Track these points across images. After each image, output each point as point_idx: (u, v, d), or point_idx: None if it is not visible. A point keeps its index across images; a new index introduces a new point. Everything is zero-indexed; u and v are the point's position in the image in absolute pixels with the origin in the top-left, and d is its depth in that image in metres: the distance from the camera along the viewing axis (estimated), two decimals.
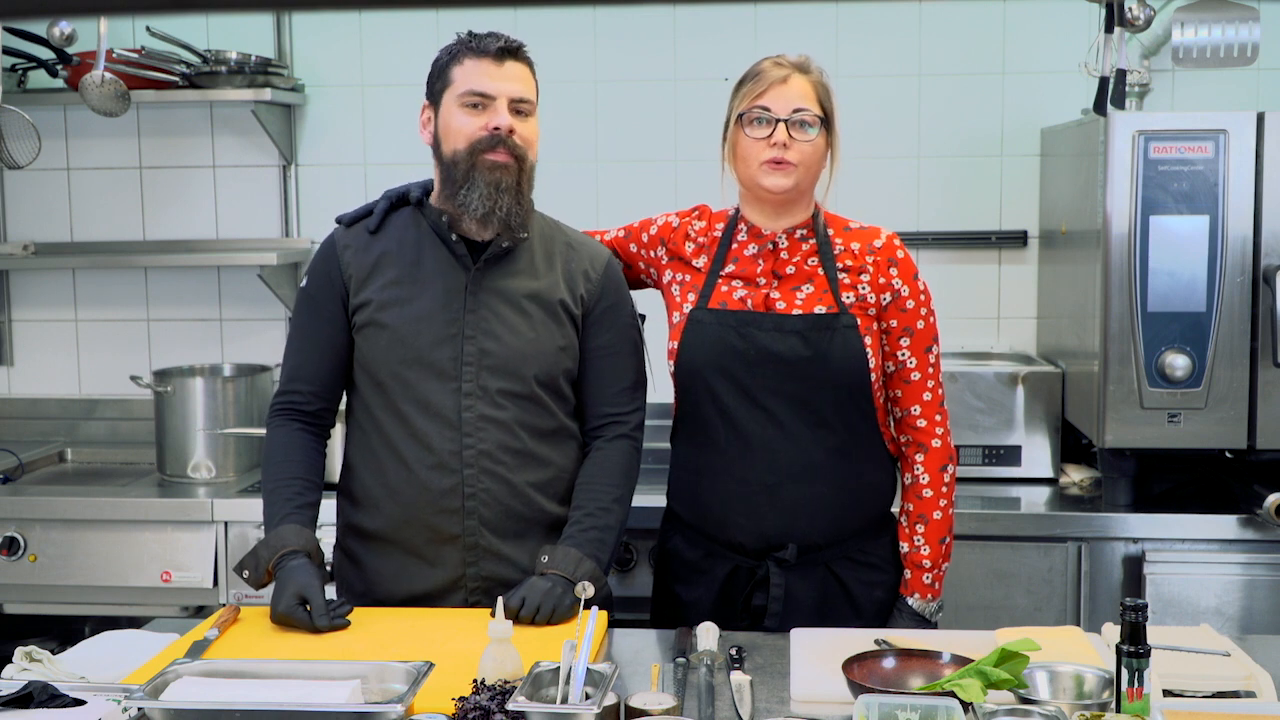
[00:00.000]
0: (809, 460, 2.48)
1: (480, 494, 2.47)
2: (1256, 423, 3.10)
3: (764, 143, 2.46)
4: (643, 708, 1.94)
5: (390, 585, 2.52)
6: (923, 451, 2.53)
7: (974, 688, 1.92)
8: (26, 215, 4.05)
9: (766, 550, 2.51)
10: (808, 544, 2.50)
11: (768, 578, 2.50)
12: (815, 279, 2.50)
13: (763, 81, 2.47)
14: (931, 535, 2.52)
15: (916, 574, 2.53)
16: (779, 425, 2.48)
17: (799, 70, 2.48)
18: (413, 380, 2.48)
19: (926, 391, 2.53)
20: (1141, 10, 3.21)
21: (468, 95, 2.44)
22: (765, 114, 2.46)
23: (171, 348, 4.01)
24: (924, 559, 2.52)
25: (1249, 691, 2.09)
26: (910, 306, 2.50)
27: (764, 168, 2.47)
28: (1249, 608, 3.12)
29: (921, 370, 2.52)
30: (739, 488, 2.51)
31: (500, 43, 2.45)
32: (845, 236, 2.54)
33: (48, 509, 3.42)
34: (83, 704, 1.99)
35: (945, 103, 3.79)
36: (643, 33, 3.84)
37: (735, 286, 2.52)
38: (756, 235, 2.55)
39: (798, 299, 2.49)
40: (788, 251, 2.53)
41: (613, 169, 3.89)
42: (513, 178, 2.44)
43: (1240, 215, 3.07)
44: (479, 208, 2.43)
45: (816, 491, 2.49)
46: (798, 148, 2.46)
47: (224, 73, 3.72)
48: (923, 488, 2.53)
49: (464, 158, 2.43)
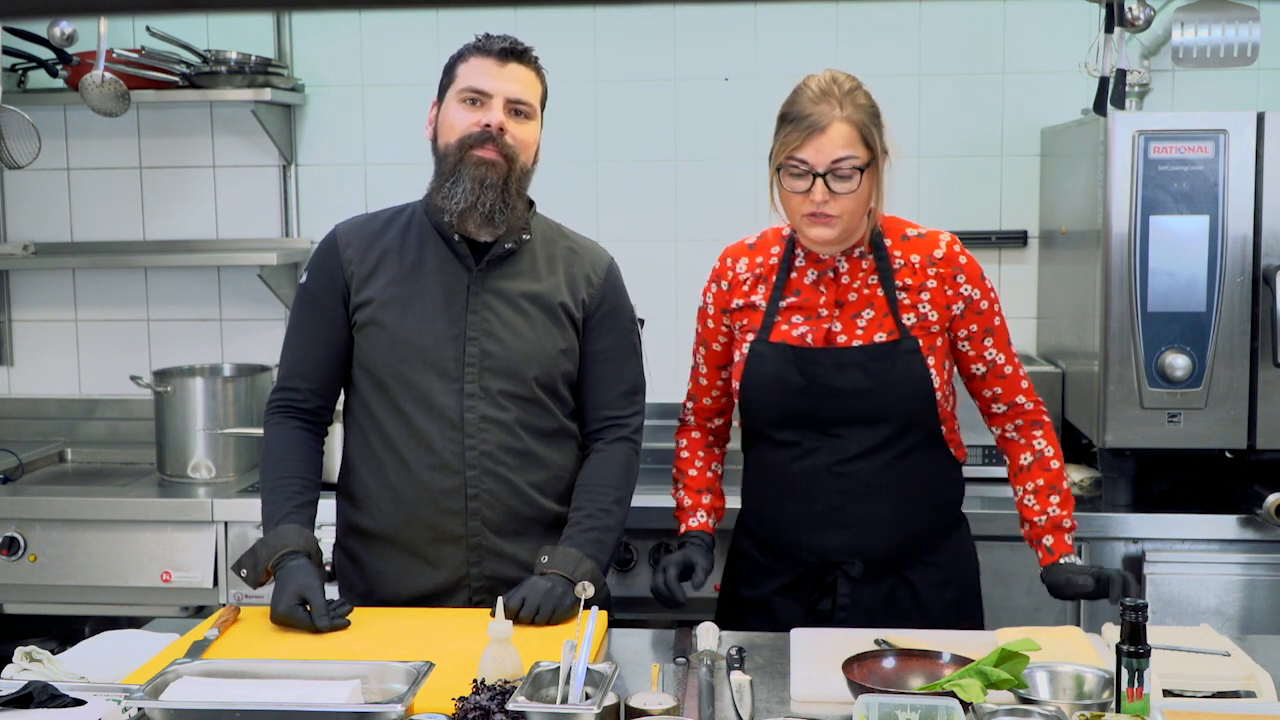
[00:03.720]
0: (875, 481, 2.48)
1: (483, 494, 2.47)
2: (1256, 423, 3.10)
3: (804, 197, 2.39)
4: (643, 708, 1.94)
5: (393, 585, 2.52)
6: (1039, 428, 2.57)
7: (974, 688, 1.92)
8: (26, 215, 4.05)
9: (832, 565, 2.52)
10: (873, 559, 2.51)
11: (834, 584, 2.51)
12: (876, 302, 2.47)
13: (799, 131, 2.37)
14: (1066, 502, 2.55)
15: (1058, 535, 2.52)
16: (843, 451, 2.48)
17: (840, 105, 2.37)
18: (414, 380, 2.48)
19: (1023, 379, 2.57)
20: (1141, 10, 3.21)
21: (466, 91, 2.45)
22: (802, 167, 2.38)
23: (171, 348, 4.01)
24: (1063, 519, 2.53)
25: (1249, 691, 2.09)
26: (985, 308, 2.51)
27: (806, 220, 2.41)
28: (1249, 608, 3.12)
29: (1011, 363, 2.56)
30: (803, 506, 2.52)
31: (505, 44, 2.46)
32: (904, 248, 2.49)
33: (48, 509, 3.42)
34: (83, 704, 1.98)
35: (945, 103, 3.79)
36: (643, 33, 3.84)
37: (796, 323, 2.50)
38: (815, 260, 2.51)
39: (858, 327, 2.47)
40: (849, 274, 2.49)
41: (613, 169, 3.89)
42: (499, 175, 2.44)
43: (1240, 215, 3.06)
44: (461, 201, 2.43)
45: (882, 510, 2.50)
46: (837, 201, 2.37)
47: (224, 73, 3.72)
48: (1049, 460, 2.56)
49: (453, 151, 2.45)
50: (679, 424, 2.73)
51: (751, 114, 3.84)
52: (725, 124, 3.85)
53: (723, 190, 3.86)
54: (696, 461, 2.67)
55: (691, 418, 2.70)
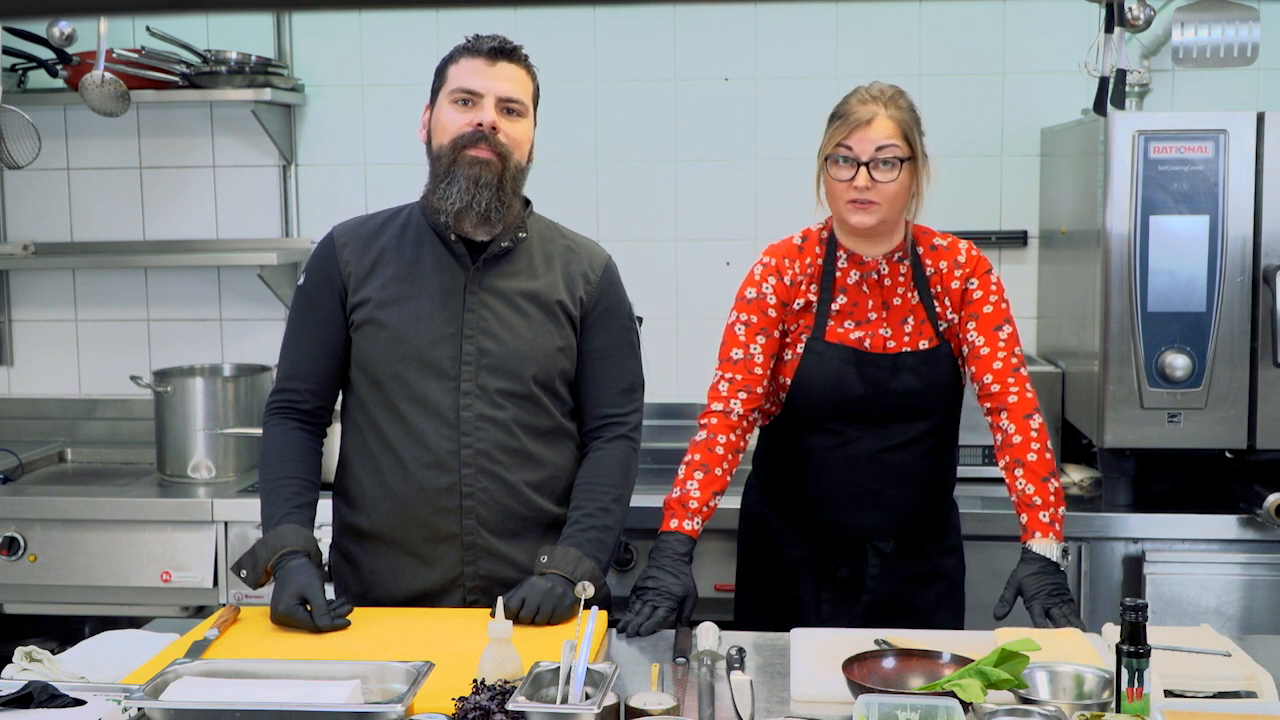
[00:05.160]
0: (912, 469, 2.68)
1: (478, 493, 2.47)
2: (1256, 423, 3.10)
3: (848, 184, 2.56)
4: (643, 708, 1.94)
5: (388, 585, 2.52)
6: (1005, 410, 2.63)
7: (974, 688, 1.92)
8: (26, 215, 4.05)
9: (861, 539, 2.69)
10: (904, 537, 2.70)
11: (857, 555, 2.69)
12: (915, 312, 2.66)
13: (847, 124, 2.56)
14: (1031, 476, 2.57)
15: (1032, 514, 2.56)
16: (886, 441, 2.66)
17: (885, 106, 2.57)
18: (411, 379, 2.48)
19: (997, 361, 2.64)
20: (1141, 10, 3.21)
21: (457, 92, 2.46)
22: (848, 155, 2.56)
23: (171, 348, 4.01)
24: (1032, 497, 2.56)
25: (1250, 692, 2.09)
26: (978, 296, 2.65)
27: (849, 206, 2.58)
28: (1249, 608, 3.12)
29: (991, 345, 2.64)
30: (841, 489, 2.68)
31: (494, 43, 2.46)
32: (934, 256, 2.67)
33: (48, 509, 3.42)
34: (83, 704, 1.98)
35: (945, 103, 3.79)
36: (643, 33, 3.84)
37: (850, 328, 2.65)
38: (858, 262, 2.65)
39: (905, 333, 2.65)
40: (890, 278, 2.65)
41: (613, 169, 3.89)
42: (493, 174, 2.44)
43: (1240, 215, 3.06)
44: (457, 201, 2.44)
45: (916, 494, 2.70)
46: (880, 189, 2.56)
47: (224, 73, 3.72)
48: (1011, 436, 2.61)
49: (447, 152, 2.45)
50: (711, 414, 2.63)
51: (751, 114, 3.84)
52: (725, 124, 3.85)
53: (723, 190, 3.86)
54: (724, 463, 2.61)
55: (739, 408, 2.63)
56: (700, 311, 3.84)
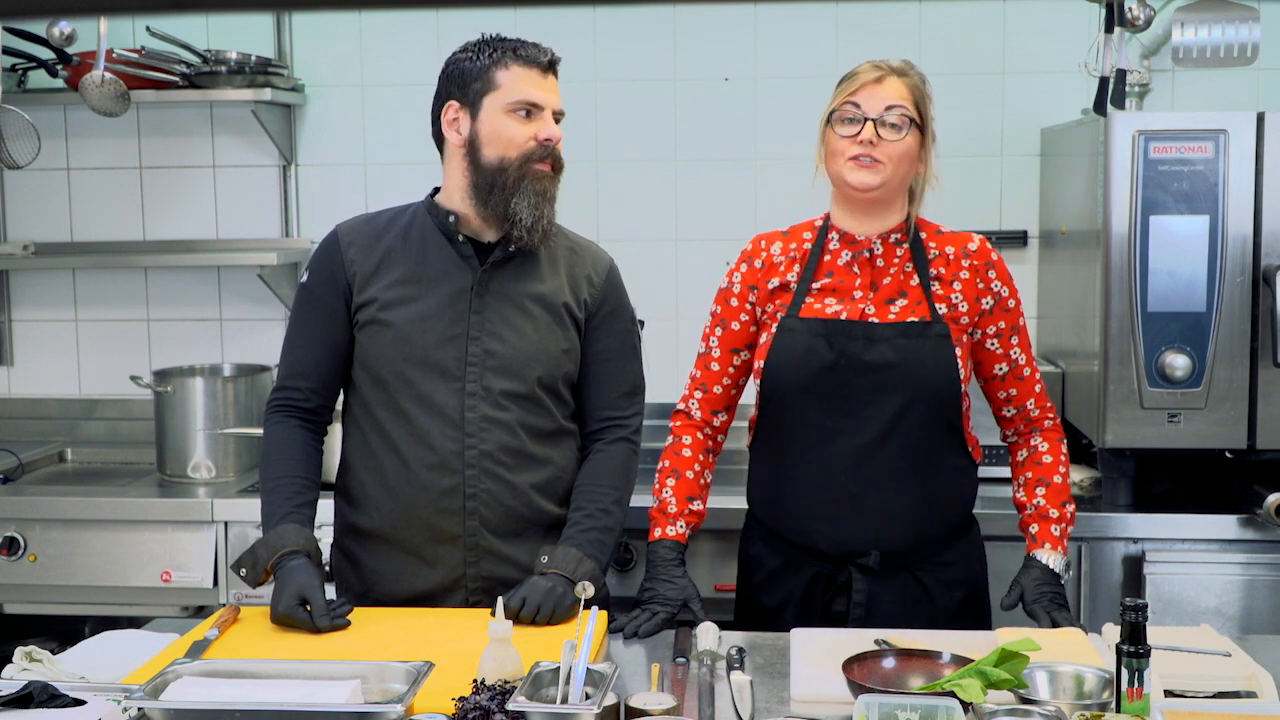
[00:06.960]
0: (894, 468, 2.48)
1: (481, 494, 2.47)
2: (1256, 423, 3.10)
3: (851, 140, 2.46)
4: (643, 708, 1.94)
5: (390, 585, 2.52)
6: (1038, 432, 2.61)
7: (974, 688, 1.92)
8: (26, 215, 4.05)
9: (847, 557, 2.50)
10: (890, 551, 2.49)
11: (848, 583, 2.50)
12: (909, 290, 2.50)
13: (856, 81, 2.48)
14: (1053, 498, 2.56)
15: (1044, 525, 2.54)
16: (865, 434, 2.47)
17: (896, 73, 2.50)
18: (416, 379, 2.48)
19: (1038, 384, 2.61)
20: (1141, 10, 3.21)
21: (519, 104, 2.46)
22: (855, 111, 2.46)
23: (171, 348, 4.01)
24: (1048, 512, 2.55)
25: (1250, 692, 2.09)
26: (1013, 306, 2.56)
27: (850, 164, 2.47)
28: (1249, 608, 3.12)
29: (1031, 366, 2.60)
30: (821, 494, 2.50)
31: (547, 56, 2.49)
32: (939, 240, 2.56)
33: (48, 509, 3.42)
34: (83, 704, 1.98)
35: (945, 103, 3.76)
36: (643, 33, 3.84)
37: (829, 303, 2.51)
38: (850, 242, 2.53)
39: (891, 311, 2.49)
40: (883, 258, 2.52)
41: (613, 169, 3.89)
42: (555, 187, 2.50)
43: (1240, 215, 3.06)
44: (527, 217, 2.45)
45: (900, 499, 2.49)
46: (885, 147, 2.45)
47: (224, 73, 3.72)
48: (1042, 454, 2.59)
49: (515, 166, 2.45)
50: (677, 416, 2.65)
51: (751, 114, 3.84)
52: (725, 124, 3.85)
53: (723, 190, 3.86)
54: (695, 465, 2.61)
55: (697, 411, 2.63)
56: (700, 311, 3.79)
